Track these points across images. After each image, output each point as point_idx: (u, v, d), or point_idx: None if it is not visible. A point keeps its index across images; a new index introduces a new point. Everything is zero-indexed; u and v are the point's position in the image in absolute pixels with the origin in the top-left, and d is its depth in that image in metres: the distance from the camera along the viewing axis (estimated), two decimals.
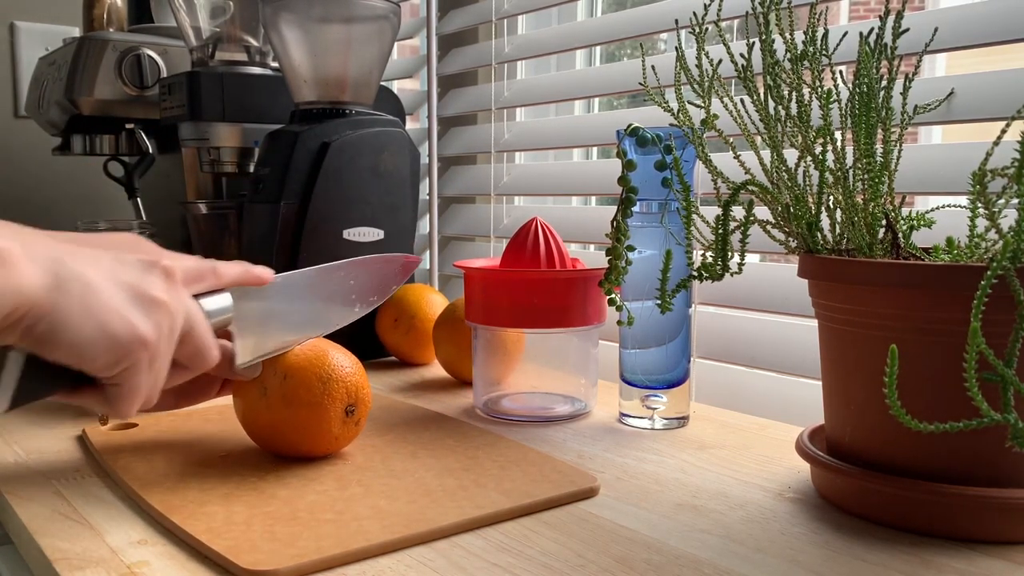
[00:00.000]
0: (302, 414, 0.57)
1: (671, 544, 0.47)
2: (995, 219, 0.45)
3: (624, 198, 0.64)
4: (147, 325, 0.43)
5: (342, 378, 0.58)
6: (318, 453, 0.59)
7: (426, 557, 0.46)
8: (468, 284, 0.74)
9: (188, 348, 0.48)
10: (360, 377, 0.59)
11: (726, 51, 0.59)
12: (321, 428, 0.57)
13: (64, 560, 0.45)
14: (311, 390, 0.57)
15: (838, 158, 0.53)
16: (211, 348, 0.49)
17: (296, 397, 0.57)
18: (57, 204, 1.57)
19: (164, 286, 0.45)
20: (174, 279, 0.46)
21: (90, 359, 0.42)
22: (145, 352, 0.43)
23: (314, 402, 0.57)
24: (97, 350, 0.41)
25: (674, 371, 0.70)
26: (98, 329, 0.41)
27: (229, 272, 0.53)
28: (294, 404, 0.57)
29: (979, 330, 0.40)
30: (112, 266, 0.43)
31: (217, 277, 0.52)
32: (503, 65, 1.12)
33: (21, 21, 1.51)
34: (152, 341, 0.43)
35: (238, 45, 1.07)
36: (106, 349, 0.42)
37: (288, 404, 0.57)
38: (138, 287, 0.43)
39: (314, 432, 0.57)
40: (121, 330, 0.42)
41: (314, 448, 0.58)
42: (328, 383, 0.57)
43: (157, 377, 0.45)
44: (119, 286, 0.43)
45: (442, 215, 1.22)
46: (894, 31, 0.55)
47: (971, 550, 0.46)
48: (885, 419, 0.45)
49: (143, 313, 0.43)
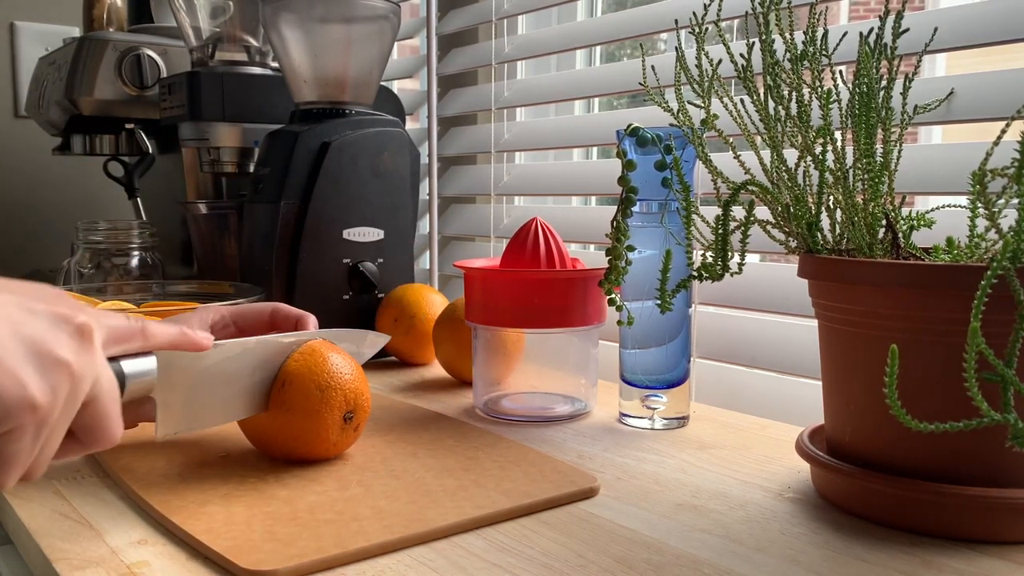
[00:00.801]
0: (299, 422, 0.56)
1: (671, 544, 0.47)
2: (995, 219, 0.45)
3: (624, 198, 0.64)
4: (41, 387, 0.38)
5: (341, 385, 0.57)
6: (316, 458, 0.59)
7: (426, 557, 0.46)
8: (468, 284, 0.74)
9: (86, 419, 0.42)
10: (359, 383, 0.59)
11: (726, 51, 0.59)
12: (319, 436, 0.57)
13: (64, 560, 0.45)
14: (309, 398, 0.56)
15: (838, 158, 0.53)
16: (112, 423, 0.43)
17: (294, 405, 0.56)
18: (57, 204, 1.57)
19: (72, 345, 0.40)
20: (88, 338, 0.41)
21: None
22: (32, 417, 0.38)
23: (312, 410, 0.56)
24: None
25: (674, 371, 0.70)
26: None
27: (161, 334, 0.49)
28: (292, 412, 0.56)
29: (979, 330, 0.40)
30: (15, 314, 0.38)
31: (145, 339, 0.47)
32: (503, 65, 1.12)
33: (21, 21, 1.51)
34: (43, 406, 0.38)
35: (238, 45, 1.07)
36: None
37: (286, 411, 0.56)
38: (40, 342, 0.38)
39: (312, 439, 0.57)
40: (8, 388, 0.37)
41: (311, 454, 0.58)
42: (327, 391, 0.57)
43: (45, 447, 0.40)
44: (17, 338, 0.38)
45: (442, 215, 1.22)
46: (894, 31, 0.55)
47: (971, 550, 0.46)
48: (885, 419, 0.45)
49: (39, 373, 0.38)
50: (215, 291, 0.89)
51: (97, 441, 0.43)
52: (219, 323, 0.63)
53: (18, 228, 1.54)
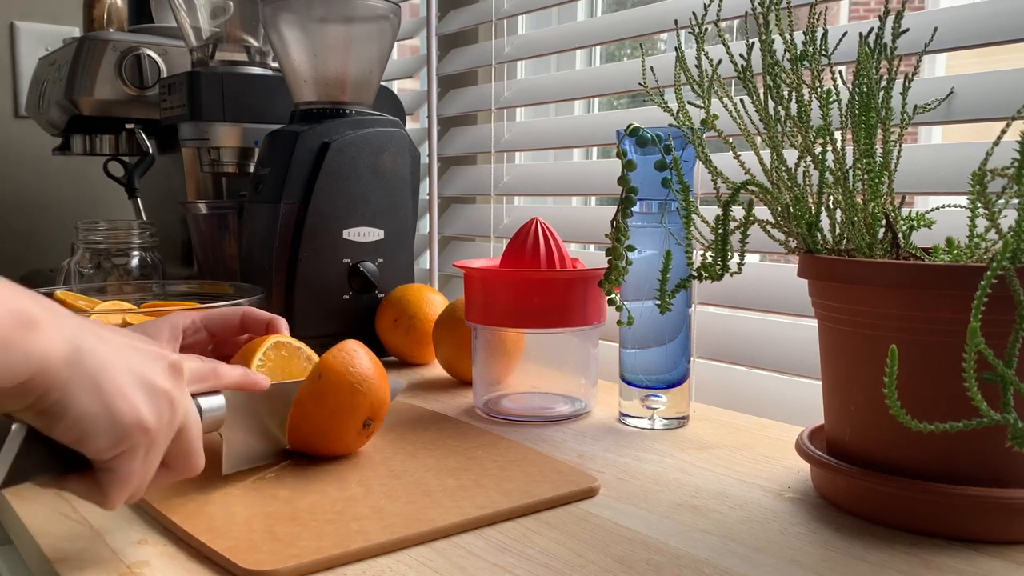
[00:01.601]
0: (325, 417, 0.57)
1: (671, 544, 0.47)
2: (995, 219, 0.46)
3: (624, 198, 0.64)
4: (150, 411, 0.43)
5: (369, 391, 0.58)
6: (326, 455, 0.59)
7: (426, 557, 0.46)
8: (468, 284, 0.74)
9: (178, 448, 0.46)
10: (384, 393, 0.59)
11: (726, 51, 0.59)
12: (339, 435, 0.58)
13: (64, 560, 0.45)
14: (339, 396, 0.57)
15: (838, 158, 0.53)
16: (199, 452, 0.48)
17: (324, 399, 0.57)
18: (57, 204, 1.57)
19: (170, 377, 0.45)
20: (180, 374, 0.46)
21: (92, 437, 0.41)
22: (145, 438, 0.42)
23: (339, 409, 0.57)
24: (99, 428, 0.41)
25: (674, 371, 0.70)
26: (104, 408, 0.41)
27: (230, 375, 0.53)
28: (321, 406, 0.57)
29: (979, 330, 0.40)
30: (124, 350, 0.43)
31: (218, 379, 0.52)
32: (503, 65, 1.12)
33: (21, 21, 1.51)
34: (153, 428, 0.43)
35: (238, 45, 1.07)
36: (108, 428, 0.41)
37: (315, 404, 0.57)
38: (146, 374, 0.43)
39: (331, 437, 0.58)
40: (126, 412, 0.41)
41: (324, 450, 0.59)
42: (356, 395, 0.57)
43: (149, 468, 0.44)
44: (128, 369, 0.43)
45: (442, 215, 1.22)
46: (894, 31, 0.55)
47: (971, 550, 0.46)
48: (885, 419, 0.45)
49: (148, 399, 0.43)
50: (215, 291, 0.89)
51: (185, 468, 0.47)
52: (190, 328, 0.64)
53: (18, 228, 1.54)
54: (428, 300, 0.92)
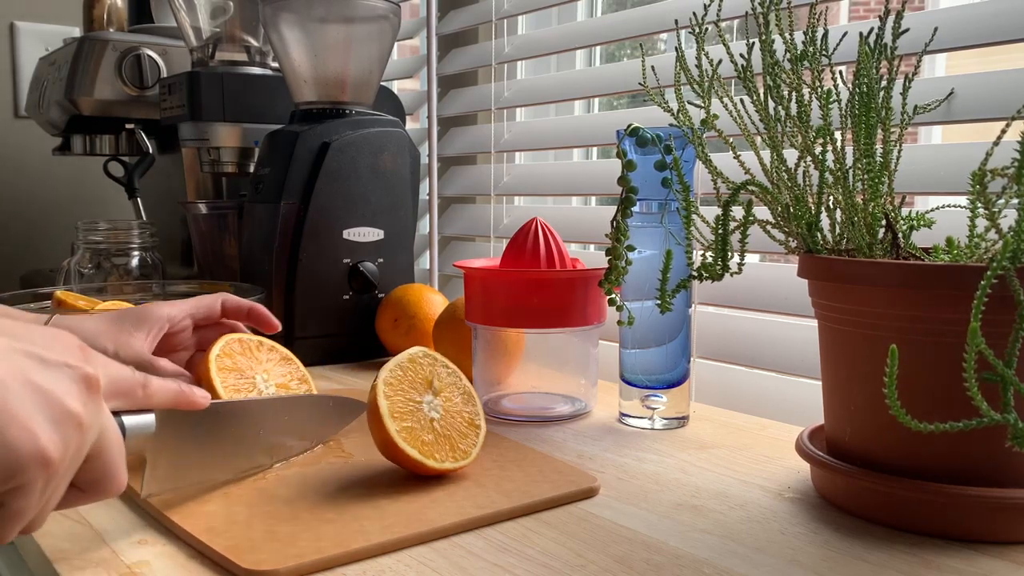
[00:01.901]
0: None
1: (671, 544, 0.47)
2: (995, 219, 0.45)
3: (624, 198, 0.64)
4: (52, 439, 0.36)
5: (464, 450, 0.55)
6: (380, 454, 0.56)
7: (426, 557, 0.46)
8: (468, 284, 0.74)
9: (92, 472, 0.41)
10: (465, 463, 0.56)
11: (726, 51, 0.59)
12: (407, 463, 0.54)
13: (64, 560, 0.45)
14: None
15: (838, 158, 0.53)
16: (119, 476, 0.42)
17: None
18: (57, 204, 1.57)
19: (82, 396, 0.38)
20: (95, 390, 0.39)
21: None
22: (44, 472, 0.36)
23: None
24: None
25: (674, 371, 0.70)
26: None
27: (161, 393, 0.47)
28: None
29: (979, 330, 0.40)
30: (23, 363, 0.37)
31: (146, 396, 0.46)
32: (503, 65, 1.12)
33: (21, 21, 1.51)
34: (55, 460, 0.36)
35: (238, 45, 1.07)
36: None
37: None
38: (51, 394, 0.37)
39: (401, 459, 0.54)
40: (22, 441, 0.35)
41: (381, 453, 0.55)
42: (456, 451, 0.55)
43: (48, 501, 0.39)
44: (28, 388, 0.36)
45: (442, 215, 1.22)
46: (894, 31, 0.55)
47: (971, 550, 0.46)
48: (885, 419, 0.45)
49: (50, 424, 0.36)
50: (215, 291, 0.89)
51: (102, 492, 0.42)
52: (177, 317, 0.63)
53: (18, 228, 1.54)
54: (428, 300, 0.92)
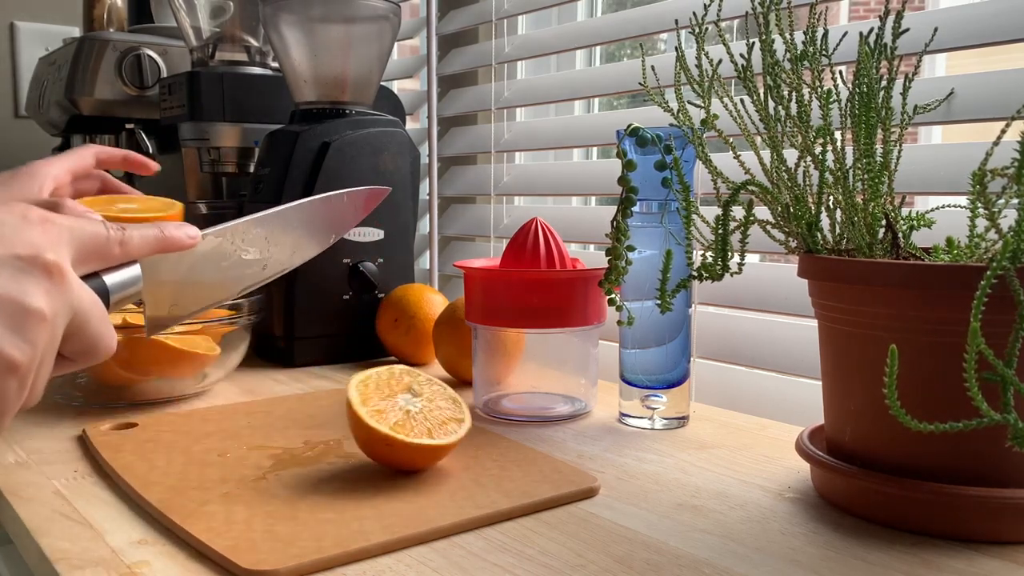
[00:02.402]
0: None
1: (671, 544, 0.47)
2: (995, 219, 0.45)
3: (624, 198, 0.64)
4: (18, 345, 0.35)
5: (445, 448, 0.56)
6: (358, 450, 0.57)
7: (426, 557, 0.46)
8: (468, 284, 0.74)
9: (77, 345, 0.40)
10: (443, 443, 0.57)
11: (726, 51, 0.59)
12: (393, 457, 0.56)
13: (64, 560, 0.45)
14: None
15: (838, 158, 0.53)
16: (102, 341, 0.41)
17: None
18: None
19: (44, 287, 0.36)
20: (59, 275, 0.37)
21: None
22: (15, 377, 0.36)
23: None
24: None
25: (674, 371, 0.70)
26: None
27: (141, 244, 0.44)
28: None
29: (979, 330, 0.40)
30: None
31: (125, 253, 0.43)
32: (503, 65, 1.12)
33: (21, 21, 1.51)
34: (23, 364, 0.36)
35: (238, 45, 1.07)
36: None
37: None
38: (11, 296, 0.35)
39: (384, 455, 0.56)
40: None
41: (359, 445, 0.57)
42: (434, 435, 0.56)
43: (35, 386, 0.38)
44: None
45: (442, 215, 1.22)
46: (894, 31, 0.55)
47: (971, 550, 0.46)
48: (885, 419, 0.45)
49: (12, 330, 0.35)
50: None
51: (91, 359, 0.41)
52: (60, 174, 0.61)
53: None
54: (428, 300, 0.92)
